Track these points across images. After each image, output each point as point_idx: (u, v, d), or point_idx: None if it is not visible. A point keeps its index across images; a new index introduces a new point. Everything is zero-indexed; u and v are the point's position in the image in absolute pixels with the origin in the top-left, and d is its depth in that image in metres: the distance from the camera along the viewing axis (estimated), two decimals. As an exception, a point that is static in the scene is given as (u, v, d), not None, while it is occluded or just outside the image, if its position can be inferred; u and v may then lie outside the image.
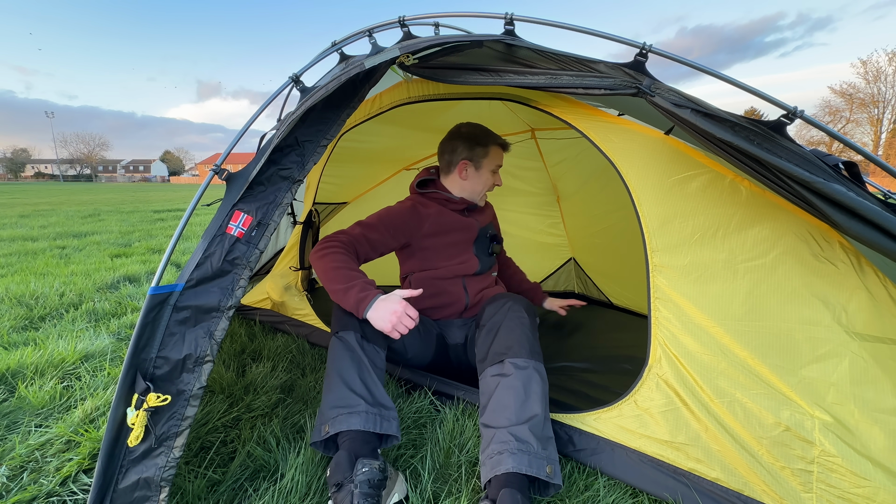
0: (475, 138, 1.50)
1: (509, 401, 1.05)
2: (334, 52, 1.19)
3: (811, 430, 0.88)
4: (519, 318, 1.22)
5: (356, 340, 1.19)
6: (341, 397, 1.08)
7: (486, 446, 1.01)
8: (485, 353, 1.20)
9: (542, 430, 1.02)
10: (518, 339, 1.17)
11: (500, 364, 1.14)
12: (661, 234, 1.06)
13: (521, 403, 1.05)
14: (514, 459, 0.94)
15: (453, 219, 1.51)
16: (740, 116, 0.83)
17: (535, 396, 1.07)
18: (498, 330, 1.22)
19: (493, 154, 1.52)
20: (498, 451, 0.97)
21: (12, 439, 1.19)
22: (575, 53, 1.00)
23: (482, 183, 1.54)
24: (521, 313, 1.24)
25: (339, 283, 1.22)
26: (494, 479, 0.95)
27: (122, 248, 4.36)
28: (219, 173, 1.01)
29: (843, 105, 33.75)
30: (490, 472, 0.95)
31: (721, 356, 0.97)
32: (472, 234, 1.54)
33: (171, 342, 0.90)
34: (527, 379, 1.09)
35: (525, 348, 1.15)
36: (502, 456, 0.96)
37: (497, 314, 1.26)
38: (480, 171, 1.52)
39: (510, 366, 1.12)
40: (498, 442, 0.99)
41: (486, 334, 1.23)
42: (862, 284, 0.89)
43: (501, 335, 1.20)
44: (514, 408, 1.04)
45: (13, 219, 6.90)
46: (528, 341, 1.17)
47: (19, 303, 2.34)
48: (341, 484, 0.92)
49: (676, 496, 0.99)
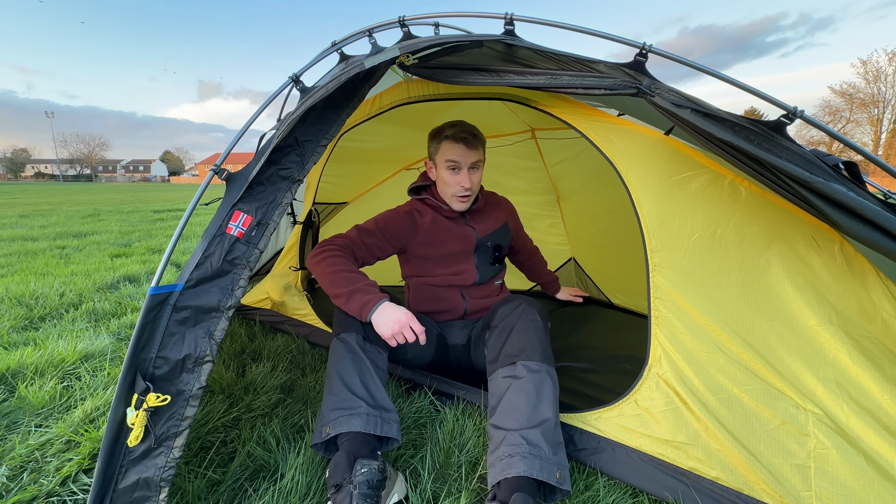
0: (433, 133, 1.40)
1: (521, 403, 1.04)
2: (334, 52, 1.19)
3: (805, 423, 0.90)
4: (532, 321, 1.20)
5: (358, 342, 1.18)
6: (342, 399, 1.08)
7: (496, 448, 0.99)
8: (496, 354, 1.18)
9: (553, 435, 1.01)
10: (531, 341, 1.15)
11: (511, 366, 1.12)
12: (660, 234, 1.06)
13: (533, 407, 1.03)
14: (526, 463, 0.93)
15: (448, 228, 1.45)
16: (740, 116, 0.83)
17: (547, 401, 1.05)
18: (511, 331, 1.20)
19: (444, 148, 1.36)
20: (509, 454, 0.96)
21: (12, 439, 1.19)
22: (575, 53, 1.00)
23: (442, 183, 1.41)
24: (535, 316, 1.21)
25: (340, 287, 1.20)
26: (504, 481, 0.94)
27: (122, 248, 4.36)
28: (219, 173, 1.01)
29: (843, 105, 33.78)
30: (500, 474, 0.94)
31: (719, 353, 0.98)
32: (470, 245, 1.47)
33: (171, 342, 0.90)
34: (539, 383, 1.08)
35: (538, 351, 1.13)
36: (513, 459, 0.95)
37: (510, 315, 1.24)
38: (437, 169, 1.41)
39: (523, 368, 1.10)
40: (509, 444, 0.97)
41: (498, 335, 1.21)
42: (858, 284, 0.90)
43: (514, 337, 1.18)
44: (525, 411, 1.02)
45: (13, 219, 6.90)
46: (542, 345, 1.16)
47: (19, 303, 2.34)
48: (340, 485, 0.92)
49: (677, 495, 0.99)
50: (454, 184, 1.38)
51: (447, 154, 1.36)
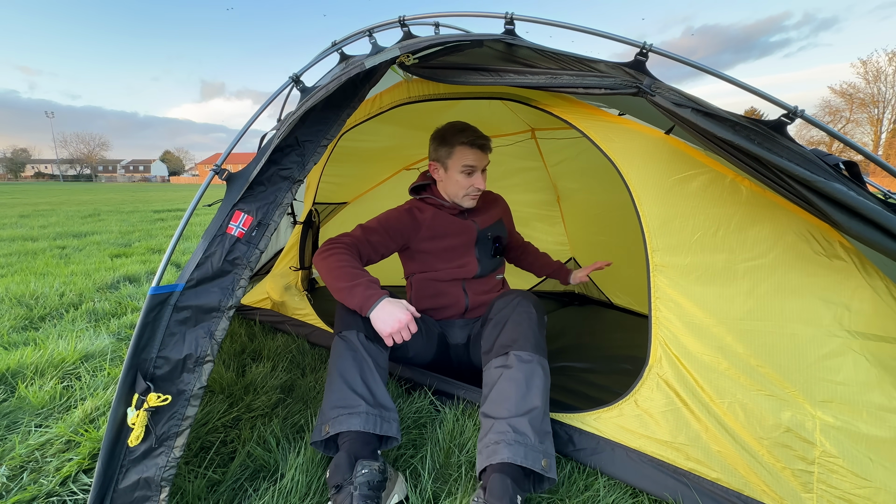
0: (441, 137, 1.45)
1: (510, 392, 1.06)
2: (334, 51, 1.19)
3: (812, 430, 0.88)
4: (527, 313, 1.22)
5: (359, 340, 1.19)
6: (342, 397, 1.08)
7: (484, 436, 1.02)
8: (490, 345, 1.21)
9: (540, 424, 1.03)
10: (524, 332, 1.17)
11: (504, 356, 1.15)
12: (661, 234, 1.06)
13: (522, 396, 1.05)
14: (511, 450, 0.95)
15: (449, 221, 1.49)
16: (741, 116, 0.83)
17: (537, 390, 1.07)
18: (505, 323, 1.22)
19: (459, 154, 1.41)
20: (495, 441, 0.98)
21: (12, 439, 1.19)
22: (575, 53, 1.00)
23: (454, 185, 1.46)
24: (530, 308, 1.24)
25: (343, 281, 1.21)
26: (489, 467, 0.96)
27: (122, 248, 4.36)
28: (219, 173, 1.01)
29: (843, 105, 33.79)
30: (485, 460, 0.96)
31: (722, 356, 0.97)
32: (471, 237, 1.51)
33: (172, 342, 0.90)
34: (529, 372, 1.10)
35: (530, 342, 1.15)
36: (499, 446, 0.97)
37: (506, 308, 1.27)
38: (449, 172, 1.45)
39: (514, 358, 1.12)
40: (496, 432, 1.00)
41: (493, 327, 1.24)
42: (864, 283, 0.89)
43: (508, 328, 1.20)
44: (514, 399, 1.05)
45: (13, 219, 6.90)
46: (535, 336, 1.18)
47: (19, 303, 2.33)
48: (341, 486, 0.92)
49: (677, 496, 0.99)
50: (467, 185, 1.45)
51: (464, 159, 1.42)
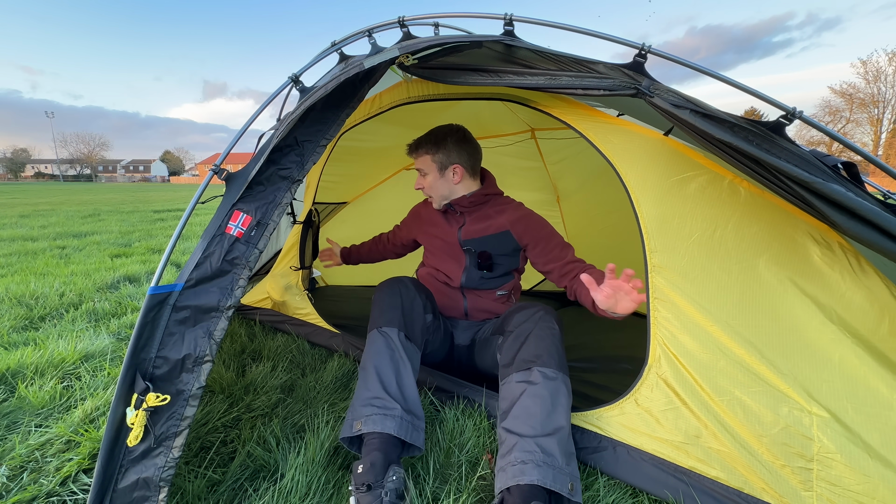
0: None
1: (535, 409, 1.03)
2: (334, 52, 1.19)
3: (809, 426, 0.89)
4: (550, 329, 1.18)
5: (399, 339, 1.19)
6: (377, 397, 1.08)
7: (508, 452, 0.98)
8: (510, 359, 1.17)
9: (566, 445, 1.00)
10: (548, 348, 1.14)
11: (527, 371, 1.11)
12: (659, 235, 1.06)
13: (548, 414, 1.02)
14: (540, 472, 0.92)
15: (437, 222, 1.57)
16: (739, 117, 0.83)
17: (562, 409, 1.04)
18: (527, 337, 1.18)
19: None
20: (521, 461, 0.94)
21: (12, 439, 1.19)
22: (574, 54, 1.00)
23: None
24: (552, 324, 1.20)
25: None
26: (515, 488, 0.92)
27: (122, 248, 4.36)
28: (218, 173, 1.01)
29: (842, 105, 33.76)
30: (511, 479, 0.92)
31: (720, 355, 0.97)
32: (450, 241, 1.50)
33: (171, 342, 0.90)
34: (555, 390, 1.06)
35: (555, 359, 1.12)
36: (527, 466, 0.93)
37: (527, 322, 1.22)
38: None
39: (538, 374, 1.09)
40: (522, 451, 0.96)
41: (514, 340, 1.20)
42: (860, 283, 0.89)
43: (530, 343, 1.16)
44: (540, 417, 1.01)
45: (13, 219, 6.90)
46: (558, 353, 1.14)
47: (19, 303, 2.33)
48: (371, 486, 0.91)
49: (677, 494, 0.99)
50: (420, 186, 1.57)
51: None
